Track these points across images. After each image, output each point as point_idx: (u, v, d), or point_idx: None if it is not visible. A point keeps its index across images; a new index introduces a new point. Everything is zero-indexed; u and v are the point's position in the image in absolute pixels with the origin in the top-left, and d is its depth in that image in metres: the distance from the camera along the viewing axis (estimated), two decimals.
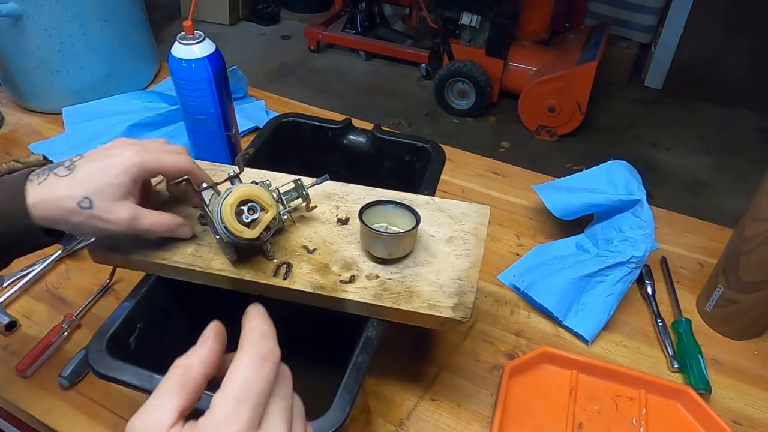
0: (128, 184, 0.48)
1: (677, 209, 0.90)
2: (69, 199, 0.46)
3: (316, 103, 1.12)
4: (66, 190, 0.46)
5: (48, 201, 0.46)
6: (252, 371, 0.29)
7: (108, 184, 0.47)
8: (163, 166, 0.50)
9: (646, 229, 0.71)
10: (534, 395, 0.63)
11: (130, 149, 0.49)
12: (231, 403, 0.28)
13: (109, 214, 0.47)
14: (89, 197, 0.46)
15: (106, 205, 0.47)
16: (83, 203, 0.46)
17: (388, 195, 0.62)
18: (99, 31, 0.97)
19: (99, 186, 0.47)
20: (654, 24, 2.82)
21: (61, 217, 0.46)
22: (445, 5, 2.44)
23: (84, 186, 0.46)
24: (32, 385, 0.63)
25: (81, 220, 0.47)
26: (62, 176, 0.47)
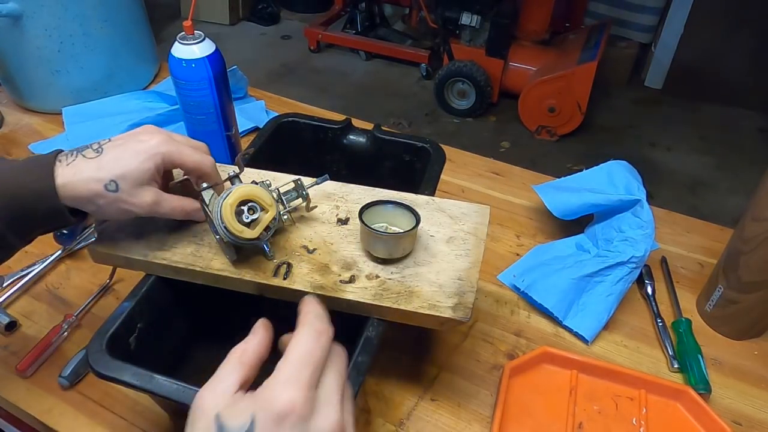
0: (152, 170, 0.49)
1: (677, 209, 0.90)
2: (96, 181, 0.47)
3: (316, 103, 1.12)
4: (93, 173, 0.47)
5: (76, 182, 0.47)
6: (311, 342, 0.34)
7: (134, 168, 0.48)
8: (185, 160, 0.51)
9: (646, 229, 0.71)
10: (534, 395, 0.63)
11: (157, 137, 0.50)
12: (293, 366, 0.33)
13: (133, 197, 0.48)
14: (116, 180, 0.47)
15: (131, 189, 0.48)
16: (110, 186, 0.47)
17: (388, 195, 0.62)
18: (99, 31, 0.97)
19: (126, 170, 0.48)
20: (654, 24, 2.82)
21: (87, 198, 0.47)
22: (445, 5, 2.44)
23: (111, 169, 0.48)
24: (32, 385, 0.63)
25: (106, 202, 0.48)
26: (90, 158, 0.48)
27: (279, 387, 0.32)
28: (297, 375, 0.32)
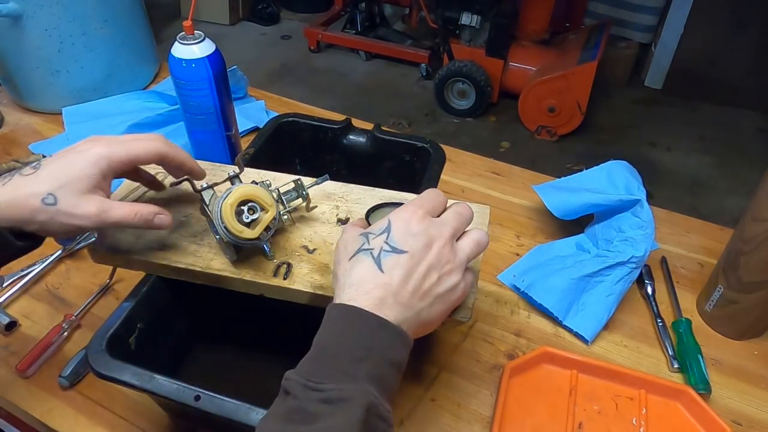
0: (96, 176, 0.46)
1: (677, 209, 0.90)
2: (33, 196, 0.44)
3: (316, 103, 1.12)
4: (29, 188, 0.45)
5: (12, 200, 0.44)
6: (430, 194, 0.47)
7: (73, 178, 0.45)
8: (133, 153, 0.48)
9: (646, 229, 0.71)
10: (534, 395, 0.63)
11: (99, 143, 0.48)
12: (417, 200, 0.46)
13: (75, 208, 0.45)
14: (53, 193, 0.45)
15: (71, 199, 0.45)
16: (47, 199, 0.45)
17: (388, 195, 0.62)
18: (99, 31, 0.97)
19: (64, 181, 0.45)
20: (654, 24, 2.82)
21: (26, 216, 0.45)
22: (445, 5, 2.44)
23: (48, 182, 0.45)
24: (32, 385, 0.63)
25: (47, 217, 0.45)
26: (27, 175, 0.46)
27: (405, 209, 0.45)
28: (417, 203, 0.45)
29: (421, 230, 0.43)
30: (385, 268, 0.42)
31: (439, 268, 0.43)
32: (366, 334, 0.40)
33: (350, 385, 0.37)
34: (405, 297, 0.42)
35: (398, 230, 0.44)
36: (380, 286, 0.41)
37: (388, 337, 0.40)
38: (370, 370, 0.39)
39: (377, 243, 0.43)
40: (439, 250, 0.43)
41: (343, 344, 0.40)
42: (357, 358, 0.39)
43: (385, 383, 0.40)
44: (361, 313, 0.40)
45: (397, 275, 0.42)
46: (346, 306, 0.41)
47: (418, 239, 0.43)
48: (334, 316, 0.41)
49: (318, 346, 0.40)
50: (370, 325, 0.40)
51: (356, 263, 0.43)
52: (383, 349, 0.40)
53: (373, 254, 0.43)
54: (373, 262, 0.42)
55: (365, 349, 0.39)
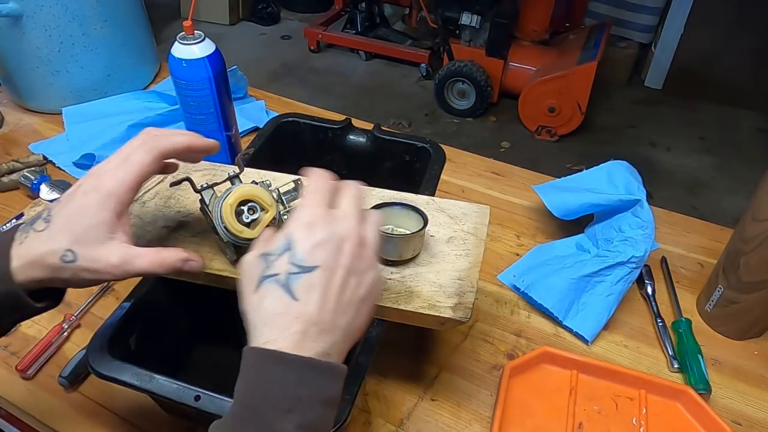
0: (109, 220, 0.42)
1: (677, 209, 0.90)
2: (51, 254, 0.41)
3: (316, 103, 1.12)
4: (46, 246, 0.41)
5: (31, 261, 0.41)
6: (319, 179, 0.43)
7: (88, 227, 0.42)
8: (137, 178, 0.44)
9: (646, 229, 0.71)
10: (534, 395, 0.63)
11: (100, 179, 0.43)
12: (308, 196, 0.41)
13: (96, 262, 0.42)
14: (71, 249, 0.41)
15: (91, 252, 0.42)
16: (66, 257, 0.41)
17: (388, 195, 0.62)
18: (99, 31, 0.97)
19: (78, 233, 0.41)
20: (654, 24, 2.82)
21: (49, 276, 0.42)
22: (445, 5, 2.44)
23: (63, 237, 0.41)
24: (32, 385, 0.63)
25: (70, 274, 0.42)
26: (41, 231, 0.42)
27: (301, 210, 0.41)
28: (313, 199, 0.41)
29: (327, 235, 0.38)
30: (298, 294, 0.37)
31: (357, 270, 0.39)
32: (292, 381, 0.35)
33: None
34: (328, 320, 0.38)
35: (301, 243, 0.38)
36: (298, 318, 0.37)
37: (317, 377, 0.36)
38: (301, 420, 0.35)
39: (281, 266, 0.38)
40: (352, 250, 0.39)
41: (267, 398, 0.35)
42: (283, 411, 0.35)
43: (318, 427, 0.36)
44: (283, 358, 0.36)
45: (314, 299, 0.37)
46: (264, 351, 0.36)
47: (326, 247, 0.38)
48: (253, 363, 0.36)
49: (239, 401, 0.36)
50: (295, 369, 0.35)
51: (264, 296, 0.38)
52: (313, 392, 0.36)
53: (279, 281, 0.37)
54: (283, 291, 0.37)
55: (292, 399, 0.35)
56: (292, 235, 0.39)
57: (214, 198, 0.52)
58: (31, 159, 0.90)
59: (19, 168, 0.88)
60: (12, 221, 0.79)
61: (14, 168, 0.88)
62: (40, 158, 0.91)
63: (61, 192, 0.82)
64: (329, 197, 0.42)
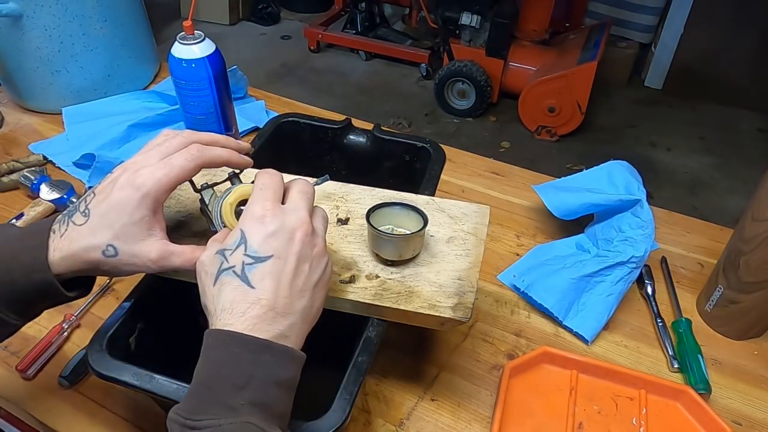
0: (147, 218, 0.44)
1: (677, 209, 0.90)
2: (93, 249, 0.44)
3: (316, 103, 1.12)
4: (87, 241, 0.43)
5: (73, 254, 0.44)
6: (266, 178, 0.44)
7: (127, 224, 0.44)
8: (173, 180, 0.45)
9: (646, 229, 0.71)
10: (534, 395, 0.63)
11: (137, 176, 0.44)
12: (258, 193, 0.43)
13: (136, 257, 0.44)
14: (112, 244, 0.44)
15: (131, 248, 0.44)
16: (107, 251, 0.44)
17: (388, 195, 0.62)
18: (99, 31, 0.97)
19: (118, 229, 0.44)
20: (654, 24, 2.82)
21: (91, 267, 0.45)
22: (445, 5, 2.44)
23: (104, 232, 0.43)
24: (32, 385, 0.63)
25: (111, 267, 0.45)
26: (80, 224, 0.44)
27: (251, 207, 0.42)
28: (262, 196, 0.43)
29: (278, 226, 0.41)
30: (254, 282, 0.39)
31: (308, 257, 0.42)
32: (246, 360, 0.37)
33: (230, 418, 0.35)
34: (283, 305, 0.40)
35: (254, 236, 0.40)
36: (255, 303, 0.39)
37: (270, 358, 0.38)
38: (253, 397, 0.36)
39: (237, 258, 0.40)
40: (302, 239, 0.41)
41: (221, 375, 0.37)
42: (237, 387, 0.36)
43: (272, 407, 0.37)
44: (239, 338, 0.38)
45: (269, 285, 0.39)
46: (222, 332, 0.38)
47: (278, 237, 0.41)
48: (211, 344, 0.38)
49: (197, 378, 0.38)
50: (250, 348, 0.37)
51: (222, 286, 0.40)
52: (267, 372, 0.37)
53: (236, 272, 0.40)
54: (240, 280, 0.39)
55: (246, 376, 0.37)
56: (246, 229, 0.41)
57: (213, 198, 0.52)
58: (31, 159, 0.90)
59: (19, 168, 0.88)
60: (12, 221, 0.79)
61: (14, 168, 0.88)
62: (40, 158, 0.91)
63: (61, 192, 0.82)
64: (278, 194, 0.44)
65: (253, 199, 0.43)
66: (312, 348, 0.65)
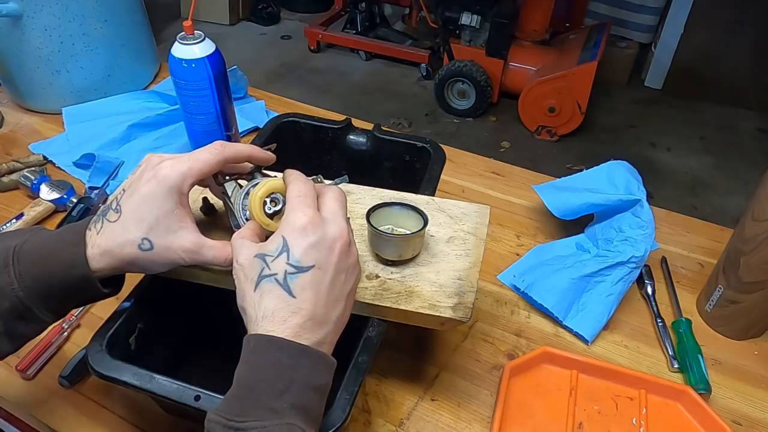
0: (177, 210, 0.45)
1: (677, 209, 0.90)
2: (129, 244, 0.45)
3: (316, 103, 1.12)
4: (123, 236, 0.45)
5: (109, 249, 0.45)
6: (301, 183, 0.45)
7: (159, 217, 0.45)
8: (197, 172, 0.46)
9: (646, 228, 0.71)
10: (534, 395, 0.63)
11: (162, 168, 0.45)
12: (296, 200, 0.43)
13: (170, 250, 0.45)
14: (147, 238, 0.45)
15: (165, 241, 0.45)
16: (143, 245, 0.45)
17: (388, 195, 0.62)
18: (99, 31, 0.97)
19: (151, 222, 0.45)
20: (654, 24, 2.82)
21: (125, 264, 0.46)
22: (445, 5, 2.44)
23: (138, 226, 0.44)
24: (33, 385, 0.63)
25: (147, 261, 0.46)
26: (114, 221, 0.45)
27: (292, 214, 0.43)
28: (300, 203, 0.43)
29: (319, 237, 0.42)
30: (296, 292, 0.40)
31: (345, 267, 0.43)
32: (287, 364, 0.38)
33: (274, 420, 0.36)
34: (321, 314, 0.41)
35: (297, 245, 0.41)
36: (296, 312, 0.40)
37: (309, 363, 0.40)
38: (294, 400, 0.38)
39: (279, 266, 0.41)
40: (342, 249, 0.43)
41: (263, 378, 0.38)
42: (279, 391, 0.38)
43: (310, 411, 0.39)
44: (280, 343, 0.39)
45: (310, 296, 0.41)
46: (264, 337, 0.39)
47: (320, 248, 0.41)
48: (253, 349, 0.39)
49: (238, 382, 0.39)
50: (291, 353, 0.39)
51: (264, 294, 0.41)
52: (306, 377, 0.39)
53: (278, 280, 0.41)
54: (282, 289, 0.40)
55: (287, 380, 0.38)
56: (288, 238, 0.41)
57: (236, 190, 0.51)
58: (31, 159, 0.90)
59: (19, 168, 0.88)
60: (12, 221, 0.79)
61: (14, 168, 0.88)
62: (40, 158, 0.91)
63: (61, 192, 0.82)
64: (315, 201, 0.44)
65: (293, 206, 0.43)
66: None
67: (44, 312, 0.45)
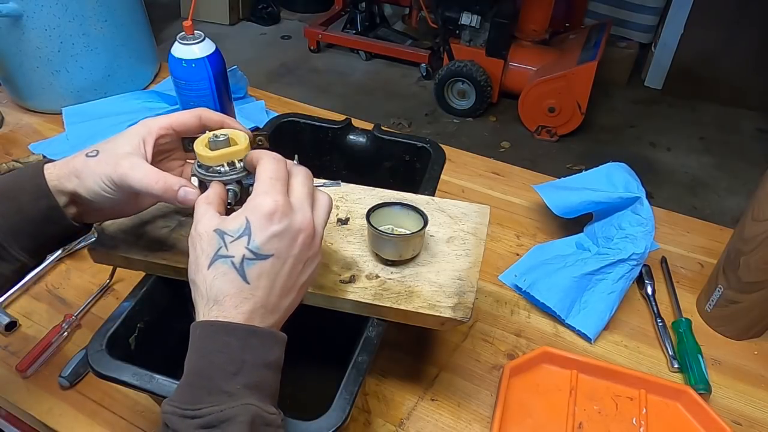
0: (137, 140, 0.47)
1: (677, 209, 0.90)
2: (80, 154, 0.46)
3: (316, 103, 1.12)
4: (79, 152, 0.47)
5: (61, 163, 0.46)
6: (273, 164, 0.43)
7: (118, 139, 0.47)
8: (172, 119, 0.49)
9: (646, 225, 0.72)
10: (534, 395, 0.63)
11: (142, 121, 0.49)
12: (266, 182, 0.42)
13: (110, 160, 0.45)
14: (97, 148, 0.46)
15: (111, 151, 0.46)
16: (90, 153, 0.46)
17: (389, 195, 0.62)
18: (99, 31, 0.97)
19: (109, 142, 0.47)
20: (654, 24, 2.82)
21: (70, 172, 0.45)
22: (445, 5, 2.44)
23: (96, 145, 0.47)
24: (32, 385, 0.63)
25: (88, 171, 0.45)
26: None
27: (260, 197, 0.41)
28: (272, 187, 0.41)
29: (285, 227, 0.40)
30: (251, 279, 0.40)
31: (305, 258, 0.42)
32: (236, 346, 0.38)
33: (229, 402, 0.36)
34: (274, 303, 0.41)
35: (260, 232, 0.40)
36: (248, 299, 0.40)
37: (259, 343, 0.39)
38: (247, 381, 0.38)
39: (237, 249, 0.40)
40: (304, 241, 0.42)
41: (214, 363, 0.38)
42: (231, 373, 0.38)
43: (264, 388, 0.39)
44: (229, 327, 0.39)
45: (265, 284, 0.40)
46: (211, 323, 0.39)
47: (283, 238, 0.41)
48: (200, 335, 0.39)
49: (189, 370, 0.38)
50: (239, 335, 0.39)
51: (218, 275, 0.40)
52: (257, 356, 0.39)
53: (234, 264, 0.39)
54: (237, 273, 0.39)
55: (238, 362, 0.38)
56: (252, 222, 0.40)
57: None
58: (31, 159, 0.90)
59: (19, 168, 0.88)
60: None
61: (14, 168, 0.88)
62: (40, 158, 0.91)
63: None
64: (286, 185, 0.43)
65: (263, 189, 0.41)
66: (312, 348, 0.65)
67: (18, 251, 0.45)
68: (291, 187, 0.43)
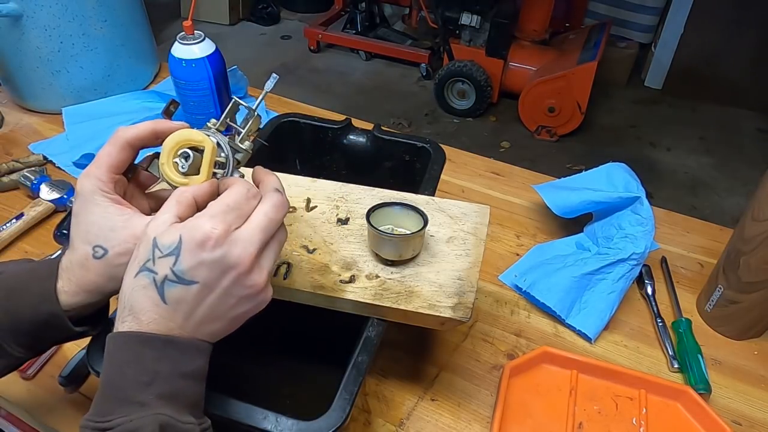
0: (110, 206, 0.42)
1: (677, 209, 0.90)
2: (86, 259, 0.42)
3: (316, 103, 1.12)
4: (77, 257, 0.42)
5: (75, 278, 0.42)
6: (241, 194, 0.40)
7: (96, 222, 0.42)
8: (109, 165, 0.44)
9: (646, 225, 0.72)
10: (534, 395, 0.63)
11: (82, 184, 0.43)
12: (221, 207, 0.39)
13: (127, 242, 0.42)
14: (98, 245, 0.42)
15: (115, 237, 0.42)
16: (96, 253, 0.42)
17: (389, 195, 0.62)
18: (99, 31, 0.97)
19: (94, 231, 0.42)
20: (654, 24, 2.82)
21: (93, 284, 0.43)
22: (445, 5, 2.44)
23: (83, 241, 0.42)
24: (33, 385, 0.63)
25: (110, 271, 0.42)
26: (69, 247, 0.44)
27: (204, 219, 0.38)
28: (222, 214, 0.38)
29: (216, 258, 0.37)
30: (169, 301, 0.38)
31: (238, 294, 0.39)
32: (150, 357, 0.37)
33: (140, 413, 0.35)
34: (191, 329, 0.39)
35: (188, 256, 0.37)
36: (162, 318, 0.38)
37: (176, 352, 0.38)
38: (161, 390, 0.37)
39: (162, 268, 0.37)
40: (236, 278, 0.38)
41: (126, 374, 0.37)
42: (143, 384, 0.36)
43: (181, 398, 0.38)
44: (141, 337, 0.37)
45: (183, 310, 0.38)
46: (123, 334, 0.38)
47: (213, 268, 0.38)
48: (114, 347, 0.38)
49: (103, 382, 0.37)
50: (154, 346, 0.37)
51: (138, 287, 0.38)
52: (173, 367, 0.37)
53: (156, 282, 0.37)
54: (156, 292, 0.37)
55: (151, 373, 0.37)
56: (184, 243, 0.37)
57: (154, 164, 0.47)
58: (31, 159, 0.90)
59: (19, 168, 0.88)
60: (12, 221, 0.79)
61: (14, 168, 0.88)
62: (40, 158, 0.91)
63: (61, 192, 0.82)
64: (239, 217, 0.39)
65: (212, 211, 0.39)
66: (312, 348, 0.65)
67: (15, 347, 0.44)
68: (251, 215, 0.40)
